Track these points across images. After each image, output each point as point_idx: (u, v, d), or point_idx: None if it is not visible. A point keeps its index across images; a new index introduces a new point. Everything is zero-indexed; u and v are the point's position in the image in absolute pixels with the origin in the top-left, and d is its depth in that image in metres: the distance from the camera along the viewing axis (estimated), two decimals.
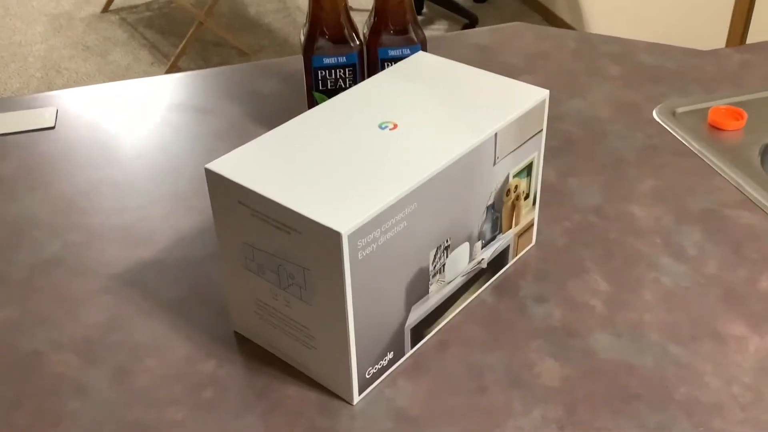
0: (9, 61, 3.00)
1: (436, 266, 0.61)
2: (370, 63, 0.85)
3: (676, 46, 1.09)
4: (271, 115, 0.95)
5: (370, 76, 0.72)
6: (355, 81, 0.85)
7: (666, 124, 0.91)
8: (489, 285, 0.69)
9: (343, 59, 0.83)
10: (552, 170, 0.84)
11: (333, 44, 0.83)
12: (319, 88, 0.85)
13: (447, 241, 0.61)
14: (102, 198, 0.82)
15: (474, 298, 0.68)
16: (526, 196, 0.69)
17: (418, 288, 0.60)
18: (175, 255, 0.74)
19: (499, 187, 0.65)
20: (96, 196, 0.82)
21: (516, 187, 0.67)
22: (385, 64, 0.84)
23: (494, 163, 0.63)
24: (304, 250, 0.54)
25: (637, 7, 2.65)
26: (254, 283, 0.60)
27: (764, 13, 2.06)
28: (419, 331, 0.63)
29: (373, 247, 0.54)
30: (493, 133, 0.61)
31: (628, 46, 1.09)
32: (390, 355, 0.61)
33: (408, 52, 0.84)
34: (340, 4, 0.82)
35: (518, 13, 3.36)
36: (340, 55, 0.83)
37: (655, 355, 0.63)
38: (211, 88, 1.01)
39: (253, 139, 0.61)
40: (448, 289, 0.64)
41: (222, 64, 2.96)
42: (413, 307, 0.61)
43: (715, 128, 0.89)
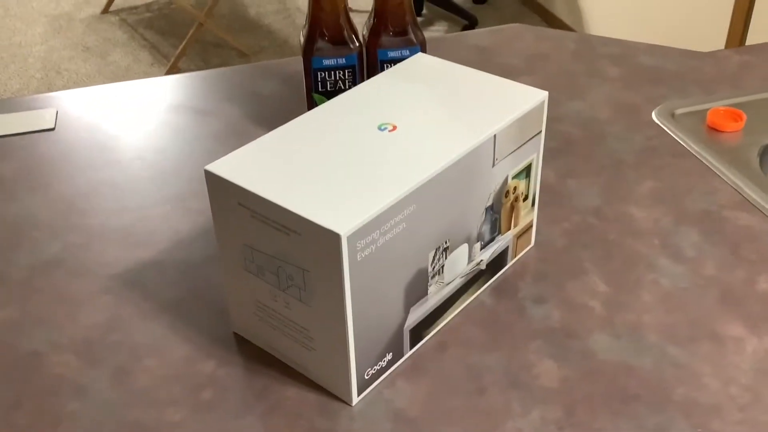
0: (9, 62, 3.00)
1: (435, 267, 0.61)
2: (370, 64, 0.85)
3: (676, 47, 1.09)
4: (271, 117, 0.95)
5: (370, 78, 0.72)
6: (354, 82, 0.85)
7: (665, 125, 0.91)
8: (488, 286, 0.70)
9: (342, 61, 0.83)
10: (551, 171, 0.84)
11: (332, 46, 0.83)
12: (319, 90, 0.85)
13: (446, 243, 0.61)
14: (102, 199, 0.82)
15: (473, 300, 0.68)
16: (525, 198, 0.70)
17: (417, 289, 0.60)
18: (175, 256, 0.74)
19: (498, 188, 0.65)
20: (96, 197, 0.82)
21: (515, 189, 0.67)
22: (385, 66, 0.84)
23: (493, 165, 0.63)
24: (303, 252, 0.54)
25: (636, 9, 2.65)
26: (254, 285, 0.60)
27: (763, 15, 2.07)
28: (418, 333, 0.63)
29: (372, 249, 0.54)
30: (492, 135, 0.61)
31: (627, 48, 1.09)
32: (389, 356, 0.61)
33: (407, 53, 0.84)
34: (340, 5, 0.82)
35: (518, 15, 3.36)
36: (340, 57, 0.83)
37: (654, 356, 0.63)
38: (211, 89, 1.02)
39: (253, 141, 0.61)
40: (447, 291, 0.64)
41: (222, 65, 2.96)
42: (412, 309, 0.61)
43: (714, 130, 0.90)
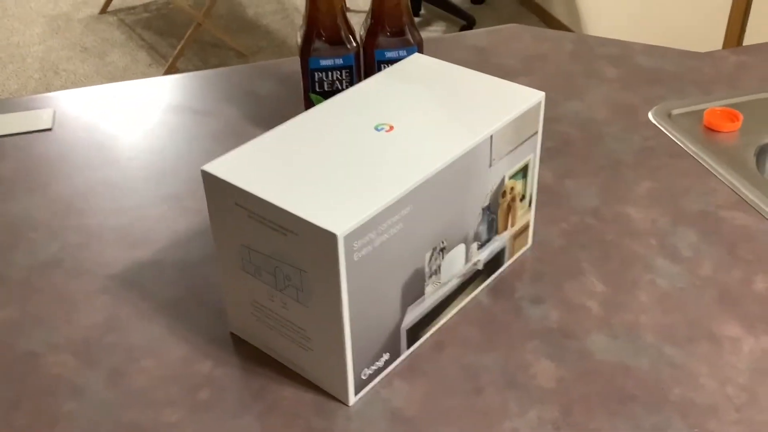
0: (7, 63, 3.00)
1: (431, 268, 0.61)
2: (367, 65, 0.85)
3: (673, 48, 1.09)
4: (268, 117, 0.95)
5: (367, 78, 0.72)
6: (351, 83, 0.85)
7: (662, 125, 0.92)
8: (485, 286, 0.70)
9: (339, 61, 0.83)
10: (549, 172, 0.85)
11: (330, 46, 0.83)
12: (316, 90, 0.85)
13: (443, 243, 0.61)
14: (99, 199, 0.82)
15: (470, 300, 0.68)
16: (522, 198, 0.70)
17: (414, 289, 0.60)
18: (173, 256, 0.74)
19: (494, 188, 0.65)
20: (93, 197, 0.82)
21: (512, 189, 0.67)
22: (382, 66, 0.85)
23: (490, 165, 0.63)
24: (300, 252, 0.54)
25: (634, 9, 2.65)
26: (251, 285, 0.60)
27: (760, 15, 2.07)
28: (415, 333, 0.63)
29: (369, 249, 0.54)
30: (489, 135, 0.61)
31: (625, 48, 1.09)
32: (386, 357, 0.61)
33: (404, 53, 0.84)
34: (337, 5, 0.82)
35: (515, 15, 3.36)
36: (337, 57, 0.83)
37: (651, 356, 0.63)
38: (209, 89, 1.02)
39: (250, 141, 0.61)
40: (444, 291, 0.64)
41: (220, 65, 2.96)
42: (409, 309, 0.61)
43: (710, 130, 0.90)
